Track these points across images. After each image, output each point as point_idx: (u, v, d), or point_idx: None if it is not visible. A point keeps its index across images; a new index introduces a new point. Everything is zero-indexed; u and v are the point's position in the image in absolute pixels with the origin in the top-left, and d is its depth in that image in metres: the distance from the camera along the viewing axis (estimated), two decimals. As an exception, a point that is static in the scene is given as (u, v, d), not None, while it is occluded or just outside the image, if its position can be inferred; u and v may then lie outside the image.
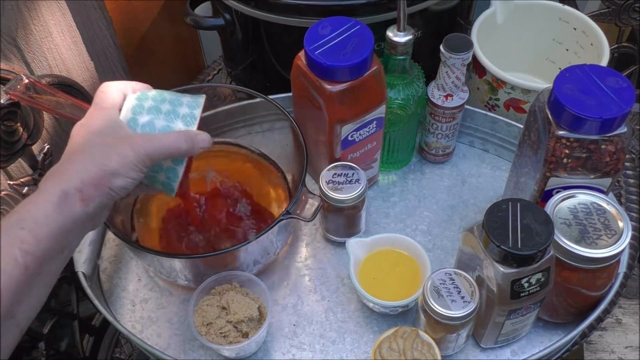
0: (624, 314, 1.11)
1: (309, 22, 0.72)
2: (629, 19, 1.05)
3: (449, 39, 0.75)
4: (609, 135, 0.62)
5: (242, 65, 0.98)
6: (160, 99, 0.62)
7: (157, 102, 0.62)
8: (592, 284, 0.66)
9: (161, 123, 0.61)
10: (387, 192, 0.86)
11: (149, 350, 0.71)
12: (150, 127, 0.60)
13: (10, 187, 0.77)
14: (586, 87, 0.62)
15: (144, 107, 0.61)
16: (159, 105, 0.61)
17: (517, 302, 0.62)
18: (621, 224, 0.63)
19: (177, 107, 0.62)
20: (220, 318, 0.68)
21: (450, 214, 0.83)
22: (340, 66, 0.67)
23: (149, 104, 0.61)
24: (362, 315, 0.75)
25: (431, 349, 0.65)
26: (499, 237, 0.59)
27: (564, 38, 0.95)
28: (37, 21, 0.82)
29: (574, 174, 0.66)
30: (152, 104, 0.61)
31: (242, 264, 0.72)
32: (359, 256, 0.74)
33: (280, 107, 0.77)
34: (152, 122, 0.60)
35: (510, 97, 0.87)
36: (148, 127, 0.60)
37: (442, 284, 0.64)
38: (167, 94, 0.63)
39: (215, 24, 0.90)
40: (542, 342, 0.72)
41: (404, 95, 0.77)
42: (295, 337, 0.74)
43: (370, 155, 0.80)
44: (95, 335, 0.92)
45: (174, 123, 0.61)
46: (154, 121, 0.60)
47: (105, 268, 0.80)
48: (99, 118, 0.57)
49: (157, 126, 0.60)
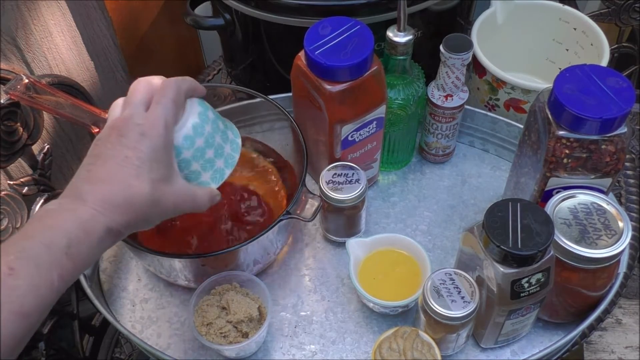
0: (624, 314, 1.11)
1: (309, 22, 0.72)
2: (629, 19, 1.05)
3: (449, 39, 0.74)
4: (609, 136, 0.62)
5: (242, 65, 0.98)
6: (214, 128, 0.58)
7: (211, 133, 0.58)
8: (592, 284, 0.66)
9: (203, 170, 0.58)
10: (387, 192, 0.86)
11: (149, 350, 0.71)
12: (195, 176, 0.58)
13: (10, 187, 0.77)
14: (586, 87, 0.62)
15: (201, 140, 0.57)
16: (212, 138, 0.58)
17: (517, 302, 0.62)
18: (621, 224, 0.63)
19: (224, 144, 0.59)
20: (220, 318, 0.68)
21: (450, 214, 0.83)
22: (341, 66, 0.67)
23: (207, 132, 0.57)
24: (362, 315, 0.75)
25: (431, 349, 0.65)
26: (499, 237, 0.59)
27: (564, 38, 0.95)
28: (37, 21, 0.82)
29: (574, 174, 0.66)
30: (209, 134, 0.57)
31: (242, 264, 0.72)
32: (359, 256, 0.74)
33: (280, 107, 0.77)
34: (198, 169, 0.58)
35: (510, 97, 0.87)
36: (194, 176, 0.58)
37: (442, 284, 0.64)
38: (220, 121, 0.60)
39: (215, 24, 0.89)
40: (542, 342, 0.72)
41: (404, 95, 0.77)
42: (295, 337, 0.74)
43: (370, 156, 0.80)
44: (95, 335, 0.92)
45: (214, 166, 0.59)
46: (199, 167, 0.57)
47: (105, 268, 0.80)
48: (145, 146, 0.52)
49: (201, 174, 0.58)
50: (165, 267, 0.72)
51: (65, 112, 0.60)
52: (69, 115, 0.61)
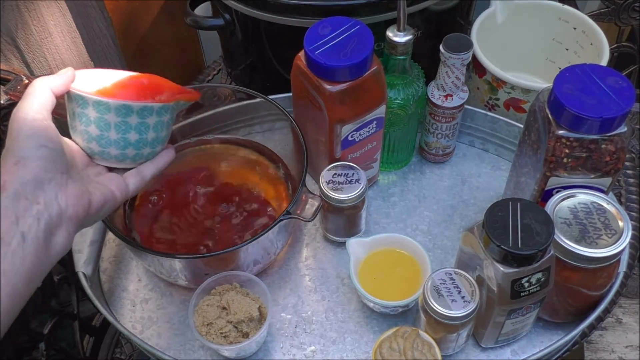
0: (624, 314, 1.11)
1: (309, 22, 0.72)
2: (628, 19, 1.05)
3: (449, 38, 0.75)
4: (609, 135, 0.62)
5: (242, 66, 0.98)
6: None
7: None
8: (593, 283, 0.66)
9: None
10: (387, 192, 0.86)
11: (149, 350, 0.71)
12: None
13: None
14: (586, 87, 0.62)
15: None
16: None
17: (518, 301, 0.62)
18: (621, 223, 0.63)
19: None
20: (220, 318, 0.68)
21: (451, 214, 0.83)
22: (340, 66, 0.67)
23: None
24: (363, 315, 0.75)
25: (431, 349, 0.65)
26: (499, 236, 0.59)
27: (563, 38, 0.95)
28: (37, 21, 0.82)
29: (574, 174, 0.66)
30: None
31: (242, 264, 0.72)
32: (359, 256, 0.74)
33: (280, 107, 0.77)
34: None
35: (510, 96, 0.87)
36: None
37: (442, 283, 0.64)
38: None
39: (215, 24, 0.89)
40: (543, 341, 0.72)
41: (403, 95, 0.77)
42: (295, 337, 0.74)
43: (370, 155, 0.80)
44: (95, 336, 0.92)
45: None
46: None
47: (106, 268, 0.80)
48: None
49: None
50: (165, 267, 0.72)
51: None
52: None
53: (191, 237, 0.76)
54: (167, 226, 0.77)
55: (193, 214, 0.78)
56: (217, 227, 0.76)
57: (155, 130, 0.60)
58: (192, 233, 0.76)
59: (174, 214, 0.78)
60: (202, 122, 0.85)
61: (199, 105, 0.83)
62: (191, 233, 0.76)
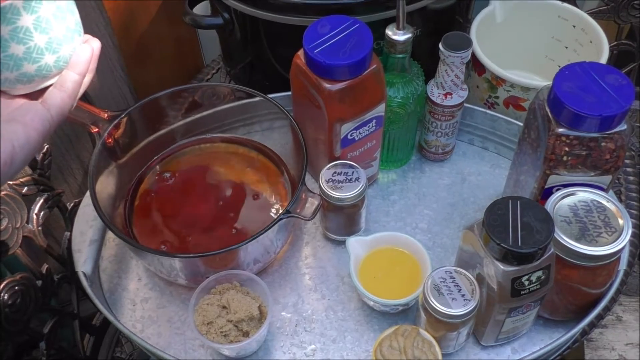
0: (624, 312, 1.11)
1: (308, 21, 0.72)
2: (628, 16, 1.05)
3: (448, 37, 0.74)
4: (608, 133, 0.62)
5: (241, 64, 0.98)
6: None
7: None
8: (593, 281, 0.66)
9: None
10: (387, 190, 0.86)
11: (150, 349, 0.71)
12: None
13: (10, 186, 0.76)
14: (586, 85, 0.62)
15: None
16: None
17: (518, 300, 0.62)
18: (621, 221, 0.63)
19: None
20: (220, 317, 0.68)
21: (450, 212, 0.83)
22: (340, 65, 0.67)
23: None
24: (363, 313, 0.75)
25: (432, 347, 0.65)
26: (499, 235, 0.59)
27: (563, 36, 0.95)
28: (36, 21, 0.82)
29: (573, 172, 0.66)
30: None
31: (242, 263, 0.72)
32: (359, 255, 0.74)
33: (279, 106, 0.77)
34: None
35: (510, 95, 0.87)
36: None
37: (442, 282, 0.64)
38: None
39: (214, 23, 0.89)
40: (543, 339, 0.72)
41: (403, 93, 0.77)
42: (295, 336, 0.74)
43: (369, 154, 0.80)
44: (95, 335, 0.92)
45: None
46: None
47: (106, 268, 0.80)
48: None
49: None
50: (165, 266, 0.72)
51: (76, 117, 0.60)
52: (68, 115, 0.60)
53: (191, 235, 0.76)
54: (166, 225, 0.77)
55: (193, 213, 0.78)
56: (216, 226, 0.76)
57: (42, 30, 0.51)
58: (191, 232, 0.76)
59: (173, 212, 0.78)
60: (201, 121, 0.85)
61: (199, 104, 0.83)
62: (191, 232, 0.76)
